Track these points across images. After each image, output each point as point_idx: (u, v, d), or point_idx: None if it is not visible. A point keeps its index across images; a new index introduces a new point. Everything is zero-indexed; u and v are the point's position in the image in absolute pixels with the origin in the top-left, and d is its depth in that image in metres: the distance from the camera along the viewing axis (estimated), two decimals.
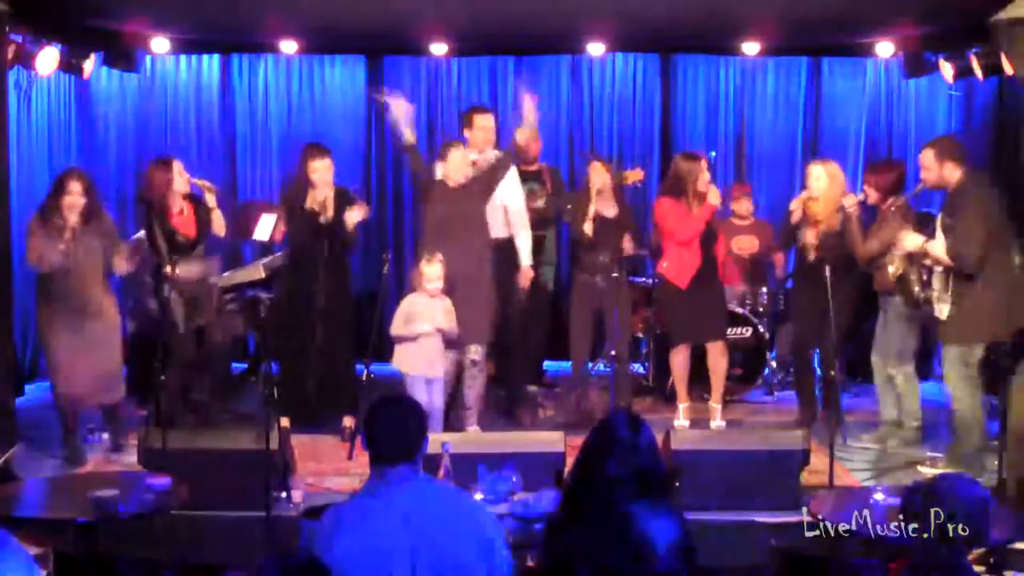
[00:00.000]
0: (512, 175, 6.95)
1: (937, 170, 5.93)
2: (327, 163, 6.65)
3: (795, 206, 6.75)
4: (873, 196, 6.57)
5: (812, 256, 6.62)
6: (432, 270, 6.29)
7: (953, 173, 5.90)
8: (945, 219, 5.86)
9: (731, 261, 7.65)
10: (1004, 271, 5.86)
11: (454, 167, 6.56)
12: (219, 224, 6.72)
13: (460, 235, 6.47)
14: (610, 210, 6.90)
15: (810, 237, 6.62)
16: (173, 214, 6.53)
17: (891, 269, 6.28)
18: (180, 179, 6.56)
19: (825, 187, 6.59)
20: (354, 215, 6.65)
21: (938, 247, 5.85)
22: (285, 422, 6.38)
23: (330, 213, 6.59)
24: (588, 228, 6.82)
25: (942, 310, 5.93)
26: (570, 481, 3.26)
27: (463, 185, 6.56)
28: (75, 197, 6.10)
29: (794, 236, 6.83)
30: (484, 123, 6.99)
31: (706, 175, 6.70)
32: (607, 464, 3.08)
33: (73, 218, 6.08)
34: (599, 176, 6.87)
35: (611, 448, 3.11)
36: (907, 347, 6.51)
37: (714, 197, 6.68)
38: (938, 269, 5.93)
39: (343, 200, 6.69)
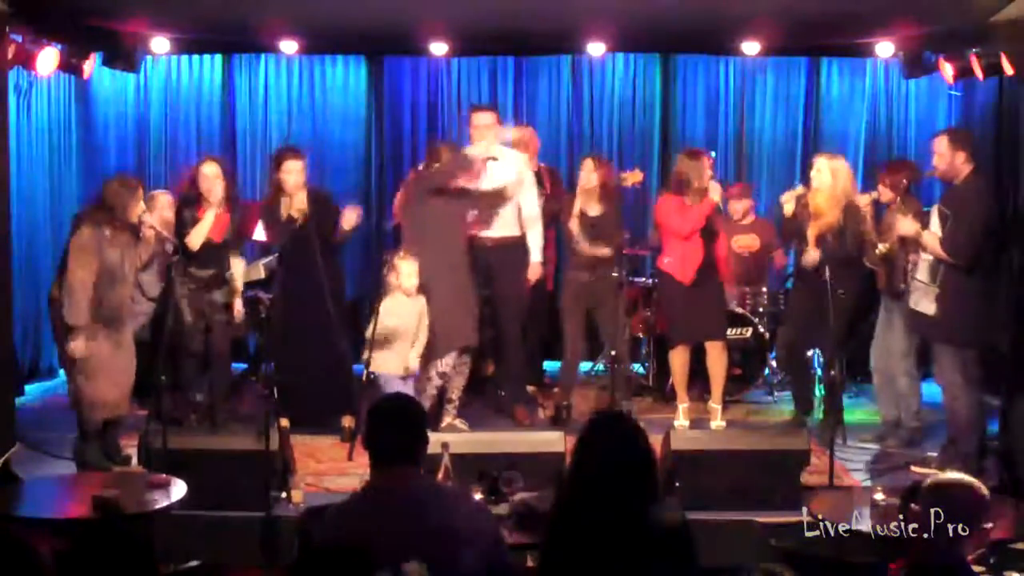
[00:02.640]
0: (528, 177, 6.98)
1: (949, 158, 5.87)
2: (299, 165, 6.66)
3: (786, 199, 6.71)
4: (887, 195, 6.50)
5: (812, 249, 6.59)
6: (406, 266, 6.32)
7: (964, 164, 5.88)
8: (944, 210, 5.82)
9: (729, 261, 7.62)
10: (996, 273, 5.86)
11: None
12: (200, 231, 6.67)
13: (439, 236, 6.48)
14: (594, 208, 6.89)
15: (811, 225, 6.54)
16: (200, 211, 6.53)
17: (880, 248, 6.26)
18: (204, 181, 6.56)
19: (826, 181, 6.54)
20: (349, 220, 6.70)
21: (932, 237, 5.82)
22: (284, 422, 6.39)
23: (302, 211, 6.59)
24: (574, 226, 6.84)
25: (924, 303, 5.88)
26: (562, 485, 3.27)
27: (444, 188, 6.56)
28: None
29: (791, 230, 6.76)
30: (479, 121, 6.97)
31: (708, 172, 6.70)
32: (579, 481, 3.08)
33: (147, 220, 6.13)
34: (586, 174, 6.89)
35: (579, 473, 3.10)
36: (911, 347, 6.50)
37: (715, 193, 6.68)
38: (927, 259, 5.89)
39: (318, 199, 6.70)
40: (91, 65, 7.93)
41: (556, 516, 3.21)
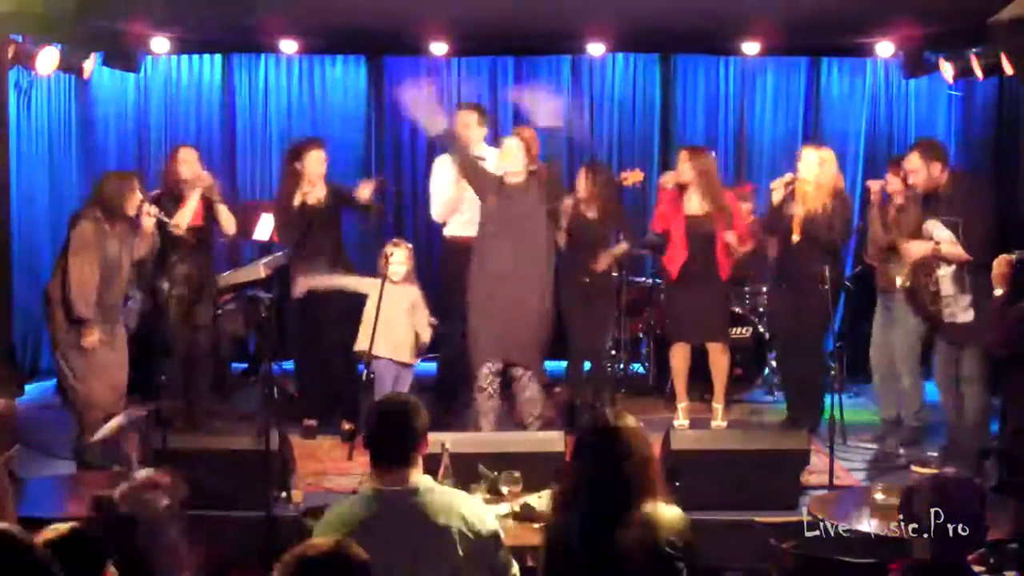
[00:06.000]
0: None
1: (925, 171, 5.91)
2: (323, 155, 6.71)
3: (775, 185, 6.69)
4: (895, 186, 6.43)
5: (795, 241, 6.58)
6: (397, 254, 6.32)
7: (941, 174, 5.91)
8: (951, 219, 5.80)
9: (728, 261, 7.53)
10: None
11: (504, 160, 6.33)
12: (226, 222, 6.70)
13: (513, 236, 6.22)
14: (592, 212, 6.88)
15: (797, 210, 6.53)
16: (182, 203, 6.53)
17: (899, 281, 6.24)
18: (185, 167, 6.56)
19: (814, 171, 6.54)
20: (364, 191, 6.71)
21: (951, 246, 5.80)
22: (311, 423, 6.44)
23: (320, 200, 6.62)
24: (560, 240, 6.79)
25: (960, 314, 5.86)
26: (561, 485, 3.27)
27: (521, 184, 6.29)
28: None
29: (776, 217, 6.69)
30: (462, 119, 6.94)
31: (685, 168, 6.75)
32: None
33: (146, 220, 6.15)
34: (580, 183, 6.88)
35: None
36: (914, 346, 6.49)
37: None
38: (949, 271, 5.87)
39: (332, 192, 6.72)
40: (91, 65, 7.93)
41: (556, 516, 3.21)
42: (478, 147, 6.92)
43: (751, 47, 8.31)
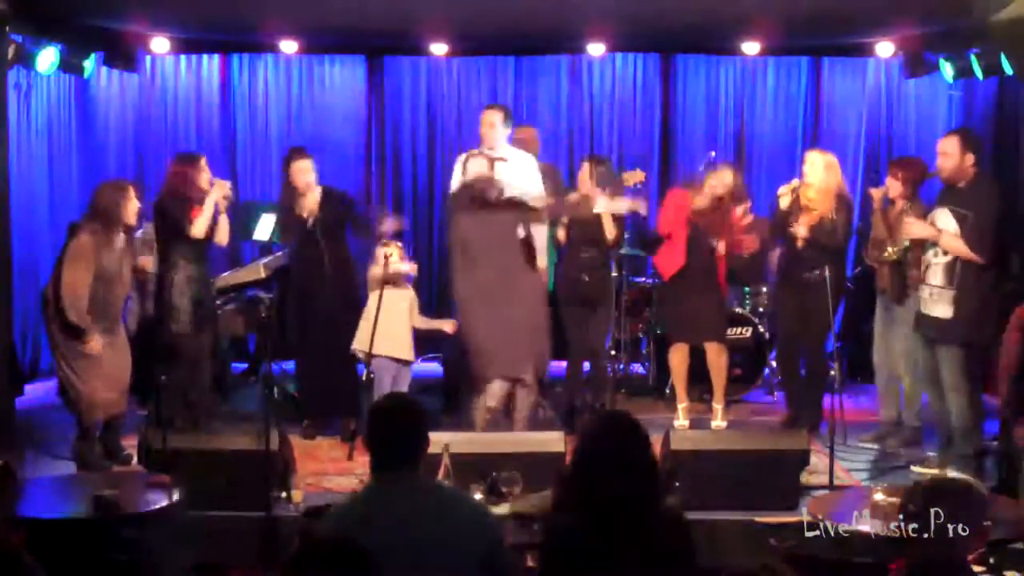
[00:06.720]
0: (538, 180, 6.75)
1: (958, 159, 5.81)
2: (307, 164, 6.68)
3: (783, 191, 6.70)
4: (896, 189, 6.42)
5: (800, 244, 6.59)
6: (396, 253, 6.40)
7: (971, 167, 5.86)
8: (960, 211, 5.79)
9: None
10: (1003, 273, 5.86)
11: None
12: (223, 231, 6.70)
13: (490, 255, 6.27)
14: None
15: (802, 226, 6.55)
16: (194, 210, 6.53)
17: (888, 251, 6.23)
18: (204, 175, 6.57)
19: (820, 175, 6.56)
20: (387, 226, 6.75)
21: (954, 237, 5.79)
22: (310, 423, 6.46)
23: (315, 212, 6.62)
24: (561, 235, 6.86)
25: (939, 307, 5.87)
26: (561, 485, 3.27)
27: (494, 203, 6.31)
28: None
29: (783, 223, 6.70)
30: (487, 119, 6.96)
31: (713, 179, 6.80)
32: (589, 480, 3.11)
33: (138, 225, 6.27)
34: (583, 177, 6.89)
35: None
36: (913, 346, 6.48)
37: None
38: (940, 262, 5.87)
39: (331, 200, 6.71)
40: (91, 65, 7.94)
41: (556, 516, 3.21)
42: (501, 147, 6.93)
43: (751, 47, 8.32)
